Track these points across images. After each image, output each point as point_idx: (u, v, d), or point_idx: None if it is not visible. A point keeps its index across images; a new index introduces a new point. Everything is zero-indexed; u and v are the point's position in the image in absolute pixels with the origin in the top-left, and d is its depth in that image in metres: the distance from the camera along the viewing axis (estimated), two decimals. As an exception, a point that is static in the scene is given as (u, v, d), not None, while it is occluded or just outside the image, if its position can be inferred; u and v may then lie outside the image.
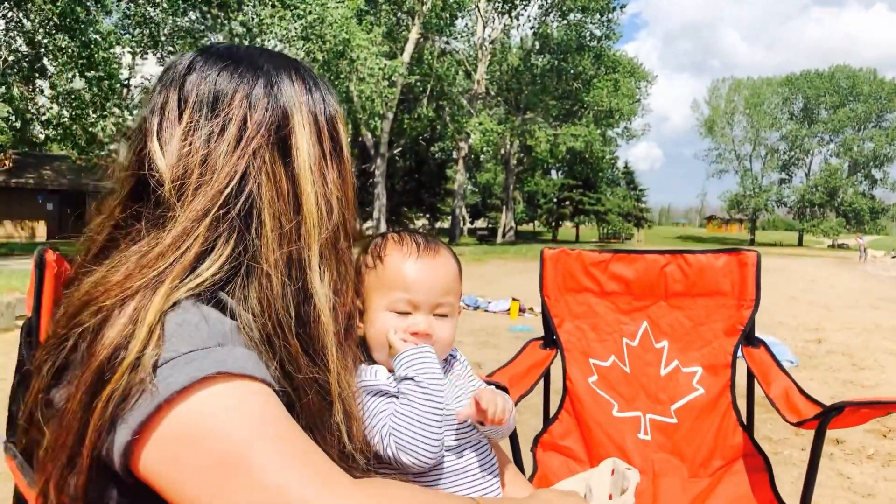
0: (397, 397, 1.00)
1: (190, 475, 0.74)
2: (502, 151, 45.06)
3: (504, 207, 48.22)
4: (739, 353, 1.96)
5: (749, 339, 1.94)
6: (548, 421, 2.07)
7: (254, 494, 0.73)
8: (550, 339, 2.09)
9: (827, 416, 1.45)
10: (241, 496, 0.73)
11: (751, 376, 1.90)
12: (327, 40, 25.96)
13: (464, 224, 53.36)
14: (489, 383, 1.51)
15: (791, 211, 67.64)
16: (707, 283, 2.00)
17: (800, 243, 66.31)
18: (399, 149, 39.02)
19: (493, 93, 41.35)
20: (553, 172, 59.18)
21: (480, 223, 66.19)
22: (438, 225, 57.11)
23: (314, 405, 0.87)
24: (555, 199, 55.30)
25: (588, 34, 39.21)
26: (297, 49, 28.51)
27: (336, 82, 28.28)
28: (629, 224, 55.91)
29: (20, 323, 6.48)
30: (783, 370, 1.82)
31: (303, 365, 0.86)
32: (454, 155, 42.78)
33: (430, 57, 34.44)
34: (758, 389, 1.84)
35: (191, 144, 0.84)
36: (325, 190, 0.91)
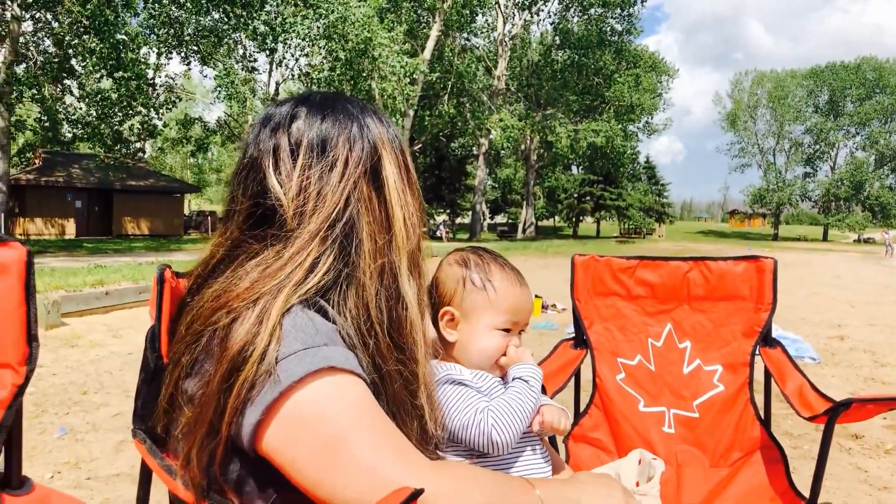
0: (478, 391, 1.20)
1: (303, 453, 0.93)
2: (522, 147, 45.07)
3: (524, 203, 48.24)
4: (757, 353, 2.11)
5: (766, 339, 2.09)
6: (578, 415, 2.23)
7: (351, 472, 0.92)
8: (581, 340, 2.26)
9: (836, 412, 1.60)
10: (341, 472, 0.92)
11: (768, 374, 2.05)
12: (349, 39, 26.21)
13: (484, 220, 53.44)
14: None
15: (816, 205, 66.75)
16: (727, 288, 2.15)
17: (825, 238, 65.46)
18: (420, 146, 39.20)
19: (513, 89, 41.35)
20: (573, 168, 59.00)
21: (500, 219, 66.20)
22: (459, 221, 57.25)
23: (398, 393, 1.05)
24: (575, 195, 55.11)
25: (609, 29, 39.04)
26: (320, 48, 28.82)
27: (358, 81, 28.57)
28: (650, 219, 55.59)
29: (66, 321, 6.77)
30: (798, 369, 1.97)
31: (390, 357, 1.05)
32: (474, 151, 42.86)
33: (450, 54, 34.56)
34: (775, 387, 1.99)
35: (307, 179, 1.05)
36: (408, 211, 1.10)
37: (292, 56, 34.43)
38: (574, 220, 57.44)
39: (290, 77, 36.04)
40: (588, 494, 1.10)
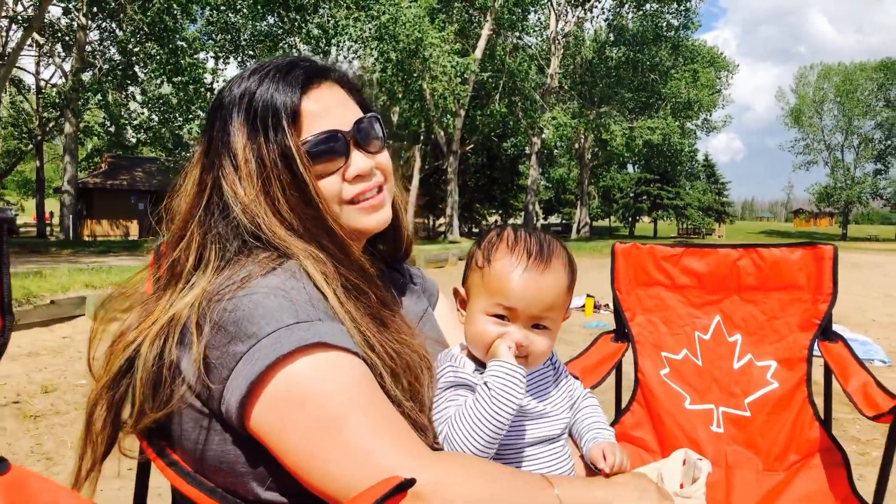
0: (473, 387, 1.07)
1: (292, 433, 0.86)
2: (576, 146, 44.49)
3: (578, 203, 47.61)
4: (816, 349, 1.94)
5: (826, 333, 1.92)
6: (620, 412, 2.11)
7: (346, 455, 0.85)
8: (622, 333, 2.13)
9: (903, 411, 1.44)
10: (335, 455, 0.85)
11: (828, 371, 1.88)
12: (400, 40, 26.36)
13: (537, 220, 53.02)
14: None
15: (888, 203, 63.65)
16: (782, 277, 1.99)
17: (898, 238, 62.41)
18: (471, 146, 39.13)
19: (566, 87, 40.85)
20: (629, 166, 57.93)
21: (554, 219, 65.58)
22: (511, 221, 56.97)
23: (389, 377, 0.97)
24: (631, 194, 54.17)
25: (665, 24, 38.14)
26: (371, 49, 29.10)
27: (409, 81, 28.70)
28: (710, 219, 54.13)
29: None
30: (862, 365, 1.80)
31: (377, 337, 0.98)
32: (527, 150, 42.52)
33: (502, 53, 34.37)
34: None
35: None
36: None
37: (345, 58, 34.90)
38: (630, 219, 56.44)
39: (344, 80, 36.48)
40: (618, 496, 1.02)
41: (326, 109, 1.06)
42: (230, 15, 29.45)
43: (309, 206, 1.02)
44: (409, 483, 0.74)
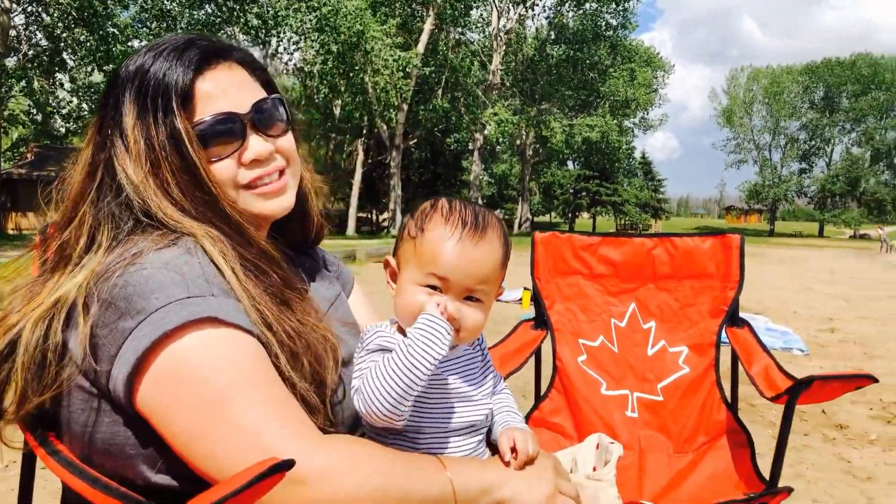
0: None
1: (178, 411, 0.84)
2: (518, 142, 44.95)
3: (520, 199, 48.15)
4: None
5: (733, 319, 1.99)
6: (539, 399, 2.13)
7: (232, 436, 0.82)
8: (541, 321, 2.16)
9: (796, 391, 1.50)
10: (220, 436, 0.83)
11: (735, 356, 1.95)
12: (342, 32, 26.07)
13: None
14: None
15: (811, 201, 66.82)
16: (693, 266, 2.05)
17: (820, 234, 65.63)
18: (414, 140, 39.05)
19: (508, 83, 41.20)
20: (570, 163, 58.94)
21: (497, 214, 66.08)
22: (454, 216, 57.15)
23: (286, 357, 0.94)
24: (571, 190, 55.15)
25: (604, 24, 38.89)
26: (312, 41, 28.68)
27: (351, 74, 28.42)
28: (646, 215, 55.64)
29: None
30: (765, 350, 1.87)
31: (276, 316, 0.96)
32: (470, 146, 42.72)
33: (444, 48, 34.38)
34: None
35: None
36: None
37: (285, 50, 34.31)
38: (570, 215, 57.46)
39: (285, 71, 35.92)
40: (513, 477, 1.02)
41: (223, 91, 1.02)
42: (165, 2, 28.54)
43: (201, 189, 0.98)
44: (287, 464, 0.73)
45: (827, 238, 60.45)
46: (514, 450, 1.05)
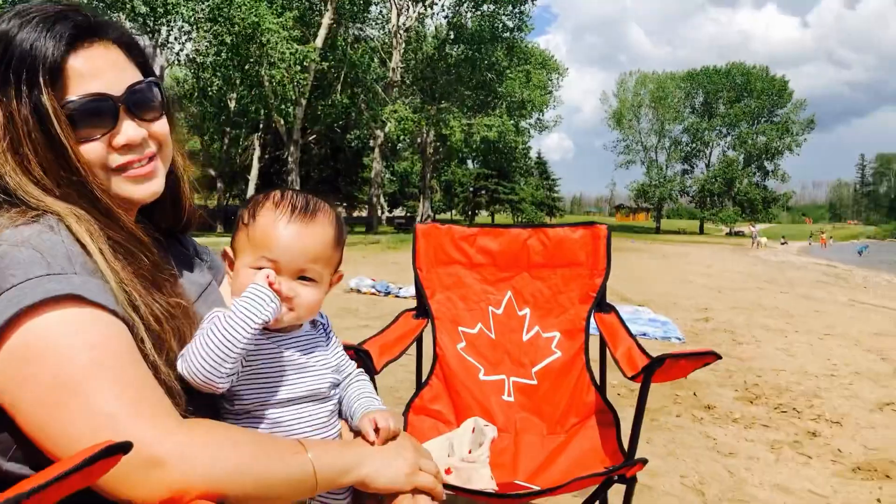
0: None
1: (29, 392, 0.80)
2: (419, 140, 45.15)
3: (421, 196, 48.40)
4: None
5: (601, 305, 2.11)
6: (420, 387, 2.17)
7: (87, 419, 0.80)
8: (423, 310, 2.19)
9: (651, 369, 1.61)
10: (74, 418, 0.79)
11: (604, 340, 2.06)
12: (236, 23, 25.22)
13: (382, 213, 53.14)
14: (352, 348, 1.59)
15: (693, 200, 71.42)
16: (565, 255, 2.15)
17: (701, 231, 70.16)
18: (314, 136, 38.39)
19: (408, 81, 41.29)
20: (469, 162, 59.86)
21: (399, 212, 66.15)
22: (356, 214, 56.74)
23: (152, 340, 0.92)
24: (471, 188, 56.08)
25: (501, 25, 39.72)
26: (205, 31, 27.56)
27: (246, 66, 27.54)
28: (542, 213, 57.41)
29: None
30: (629, 333, 1.99)
31: (144, 299, 0.93)
32: (371, 143, 42.49)
33: (343, 43, 34.00)
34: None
35: None
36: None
37: (176, 39, 32.81)
38: (470, 213, 58.38)
39: (176, 62, 34.34)
40: (372, 456, 1.04)
41: (97, 70, 0.97)
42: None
43: (67, 169, 0.93)
44: (123, 447, 0.71)
45: (707, 235, 64.80)
46: (376, 429, 1.08)
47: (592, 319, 2.10)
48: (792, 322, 8.37)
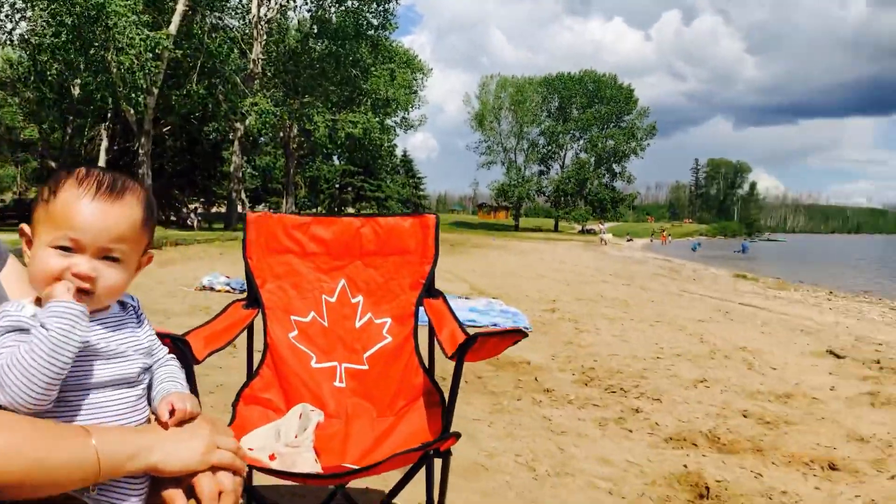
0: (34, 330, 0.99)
1: None
2: (282, 135, 43.93)
3: (285, 192, 47.14)
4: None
5: (430, 291, 2.20)
6: (250, 376, 2.16)
7: None
8: (253, 299, 2.18)
9: (464, 348, 1.72)
10: None
11: (433, 325, 2.16)
12: (77, 3, 23.26)
13: (243, 208, 51.14)
14: (168, 336, 1.56)
15: (549, 200, 75.32)
16: (396, 243, 2.23)
17: (556, 229, 73.97)
18: (168, 127, 36.23)
19: (270, 74, 40.04)
20: (335, 158, 59.14)
21: (262, 208, 64.05)
22: (215, 210, 54.30)
23: None
24: (337, 185, 55.46)
25: (365, 23, 39.55)
26: (41, 10, 25.20)
27: (91, 51, 25.49)
28: (408, 210, 57.93)
29: None
30: (455, 317, 2.09)
31: None
32: (231, 136, 40.78)
33: (200, 32, 32.36)
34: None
35: None
36: None
37: (8, 18, 29.72)
38: (336, 209, 57.76)
39: (9, 42, 31.07)
40: (163, 439, 1.03)
41: None
42: None
43: None
44: None
45: (561, 232, 68.43)
46: (172, 411, 1.07)
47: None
48: (629, 311, 9.07)
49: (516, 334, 1.73)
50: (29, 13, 27.20)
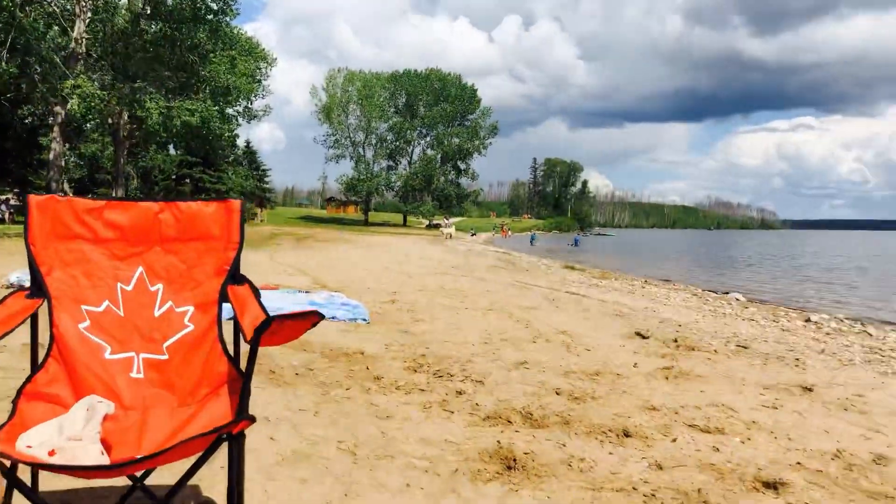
0: None
1: None
2: (110, 121, 40.54)
3: (114, 183, 43.58)
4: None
5: (235, 277, 2.18)
6: (34, 371, 2.02)
7: None
8: (38, 289, 2.04)
9: (260, 331, 1.73)
10: None
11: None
12: None
13: (63, 201, 46.45)
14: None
15: (397, 194, 75.99)
16: (198, 229, 2.18)
17: (404, 223, 74.78)
18: (-30, 108, 32.16)
19: (96, 55, 36.79)
20: (171, 148, 55.54)
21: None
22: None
23: None
24: (173, 176, 52.17)
25: (203, 6, 37.50)
26: None
27: None
28: (251, 204, 55.82)
29: None
30: (259, 303, 2.09)
31: None
32: (50, 121, 36.97)
33: (10, 4, 29.04)
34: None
35: None
36: None
37: None
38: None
39: None
40: None
41: None
42: None
43: None
44: None
45: (409, 227, 69.32)
46: None
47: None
48: (465, 301, 9.42)
49: (313, 316, 1.77)
50: None
